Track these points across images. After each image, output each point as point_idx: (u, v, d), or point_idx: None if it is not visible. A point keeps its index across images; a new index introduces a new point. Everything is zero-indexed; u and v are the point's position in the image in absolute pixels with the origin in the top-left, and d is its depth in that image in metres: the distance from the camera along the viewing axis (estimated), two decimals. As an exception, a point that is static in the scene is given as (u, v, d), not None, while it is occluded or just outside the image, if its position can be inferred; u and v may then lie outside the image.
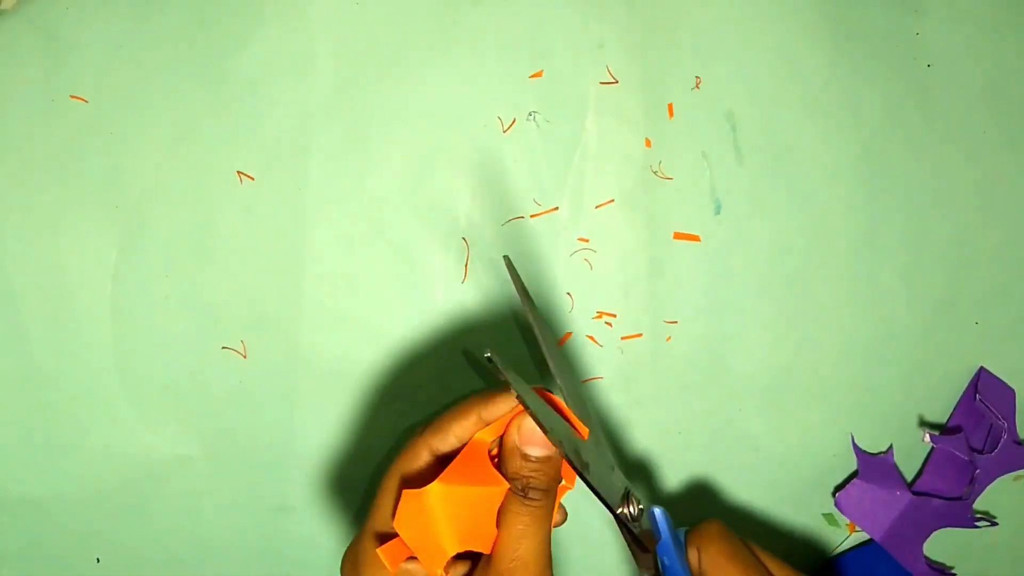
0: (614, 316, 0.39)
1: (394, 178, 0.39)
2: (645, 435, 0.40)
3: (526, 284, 0.32)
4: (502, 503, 0.28)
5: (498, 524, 0.28)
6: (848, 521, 0.41)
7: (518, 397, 0.27)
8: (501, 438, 0.29)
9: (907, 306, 0.40)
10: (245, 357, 0.39)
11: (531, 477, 0.28)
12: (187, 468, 0.40)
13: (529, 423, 0.28)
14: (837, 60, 0.39)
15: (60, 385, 0.39)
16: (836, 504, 0.40)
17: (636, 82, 0.39)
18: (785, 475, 0.41)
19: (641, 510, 0.31)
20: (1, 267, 0.39)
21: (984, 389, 0.39)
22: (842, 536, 0.41)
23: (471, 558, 0.30)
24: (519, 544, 0.27)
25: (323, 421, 0.40)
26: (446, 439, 0.29)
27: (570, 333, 0.40)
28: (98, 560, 0.40)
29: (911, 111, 0.39)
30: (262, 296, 0.39)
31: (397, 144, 0.39)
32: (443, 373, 0.40)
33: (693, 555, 0.32)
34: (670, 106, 0.39)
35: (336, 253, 0.39)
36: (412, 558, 0.29)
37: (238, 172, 0.39)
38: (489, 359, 0.25)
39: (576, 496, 0.32)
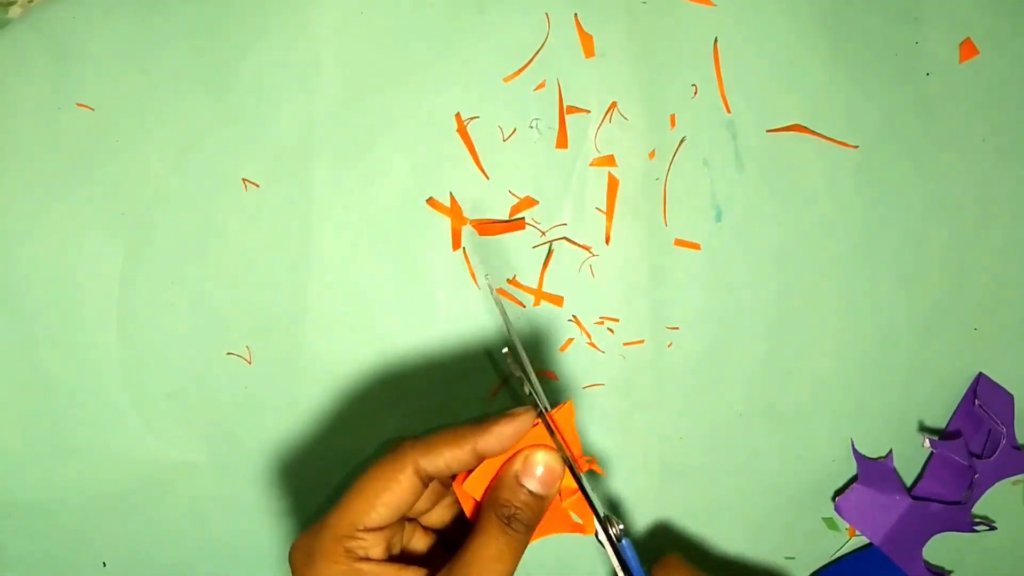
0: (616, 321, 0.40)
1: (399, 185, 0.39)
2: (646, 440, 0.40)
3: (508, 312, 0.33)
4: (480, 521, 0.29)
5: (469, 539, 0.28)
6: (848, 525, 0.41)
7: (539, 414, 0.28)
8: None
9: (906, 312, 0.40)
10: (250, 363, 0.40)
11: (519, 510, 0.29)
12: (193, 473, 0.40)
13: (535, 458, 0.29)
14: (836, 68, 0.39)
15: (67, 390, 0.40)
16: (836, 508, 0.41)
17: (638, 91, 0.39)
18: (785, 480, 0.41)
19: (622, 531, 0.32)
20: (9, 274, 0.39)
21: (983, 394, 0.40)
22: (842, 540, 0.41)
23: (431, 558, 0.30)
24: (488, 566, 0.28)
25: (328, 427, 0.40)
26: (435, 462, 0.29)
27: (572, 339, 0.40)
28: (104, 564, 0.41)
29: (910, 119, 0.40)
30: (267, 302, 0.39)
31: (402, 152, 0.39)
32: (448, 380, 0.40)
33: None
34: (672, 116, 0.39)
35: (341, 260, 0.39)
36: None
37: (244, 179, 0.39)
38: (505, 353, 0.26)
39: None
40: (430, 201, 0.39)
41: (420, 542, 0.32)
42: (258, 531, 0.41)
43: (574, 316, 0.40)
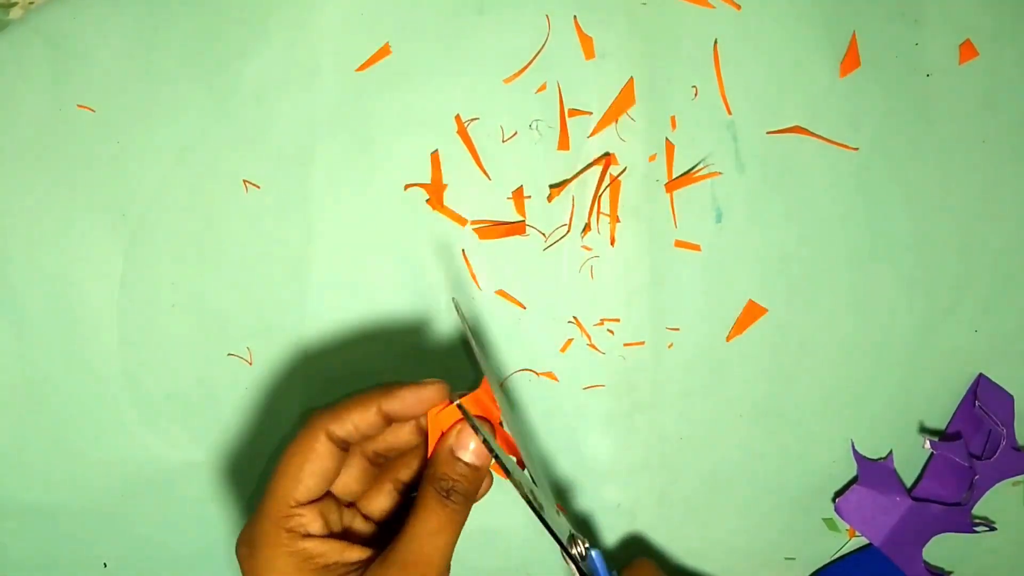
0: (617, 322, 0.40)
1: (399, 187, 0.40)
2: (646, 441, 0.40)
3: (470, 324, 0.33)
4: (420, 497, 0.30)
5: (411, 515, 0.29)
6: (848, 526, 0.41)
7: (459, 407, 0.29)
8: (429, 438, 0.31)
9: (907, 313, 0.40)
10: (251, 364, 0.40)
11: (457, 481, 0.30)
12: (193, 474, 0.40)
13: (468, 432, 0.30)
14: (837, 70, 0.40)
15: (67, 392, 0.40)
16: (836, 509, 0.41)
17: (638, 92, 0.39)
18: (785, 480, 0.41)
19: (588, 549, 0.33)
20: (8, 275, 0.39)
21: (983, 395, 0.40)
22: (842, 541, 0.41)
23: (374, 546, 0.30)
24: (429, 540, 0.29)
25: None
26: (344, 426, 0.30)
27: (571, 339, 0.40)
28: (105, 565, 0.41)
29: (911, 120, 0.40)
30: (268, 303, 0.40)
31: (401, 153, 0.39)
32: (449, 380, 0.40)
33: None
34: (672, 118, 0.39)
35: (342, 261, 0.40)
36: None
37: (244, 181, 0.39)
38: (454, 301, 0.29)
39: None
40: (429, 202, 0.39)
41: (362, 526, 0.32)
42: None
43: (575, 317, 0.40)
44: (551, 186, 0.39)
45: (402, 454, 0.33)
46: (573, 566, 0.32)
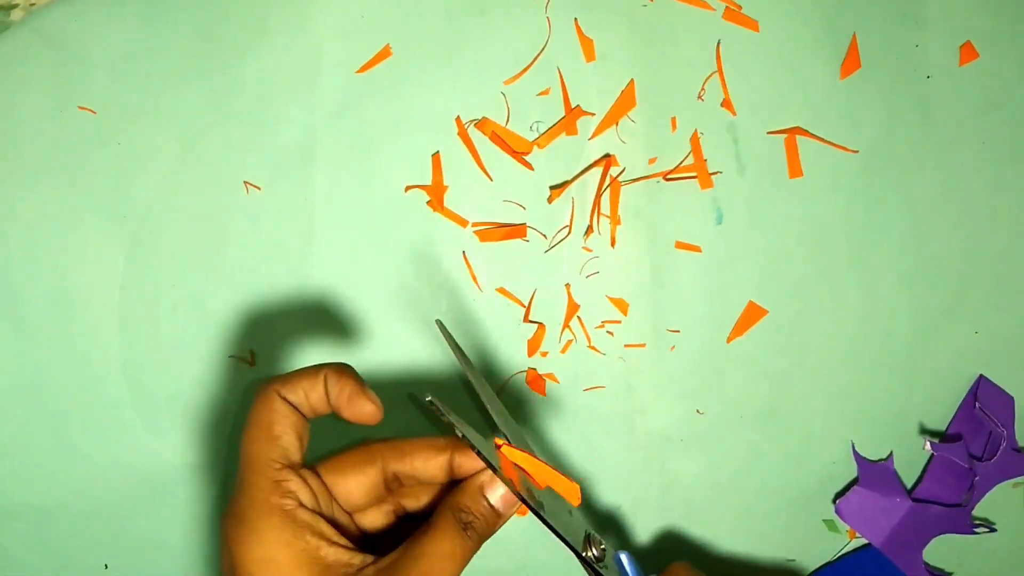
0: (618, 323, 0.40)
1: (400, 188, 0.40)
2: (647, 443, 0.40)
3: (460, 347, 0.33)
4: (436, 520, 0.28)
5: (421, 533, 0.28)
6: (848, 527, 0.41)
7: (478, 453, 0.28)
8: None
9: (907, 315, 0.40)
10: (252, 365, 0.40)
11: (477, 519, 0.29)
12: (194, 476, 0.40)
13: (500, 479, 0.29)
14: (837, 71, 0.40)
15: (68, 393, 0.40)
16: (836, 511, 0.41)
17: (639, 94, 0.39)
18: (786, 482, 0.41)
19: (604, 551, 0.31)
20: (10, 276, 0.39)
21: (984, 397, 0.40)
22: (842, 542, 0.41)
23: (373, 551, 0.29)
24: (440, 562, 0.27)
25: (329, 429, 0.40)
26: (294, 390, 0.29)
27: (572, 340, 0.40)
28: (106, 567, 0.41)
29: (911, 122, 0.40)
30: (269, 305, 0.40)
31: (403, 154, 0.39)
32: (451, 382, 0.40)
33: None
34: (673, 119, 0.39)
35: (343, 263, 0.40)
36: None
37: (245, 182, 0.39)
38: (430, 402, 0.26)
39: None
40: (430, 203, 0.39)
41: (348, 525, 0.31)
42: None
43: (578, 318, 0.40)
44: (551, 187, 0.39)
45: (418, 484, 0.32)
46: (587, 568, 0.31)
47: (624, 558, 0.32)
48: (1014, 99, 0.40)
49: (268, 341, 0.40)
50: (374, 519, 0.32)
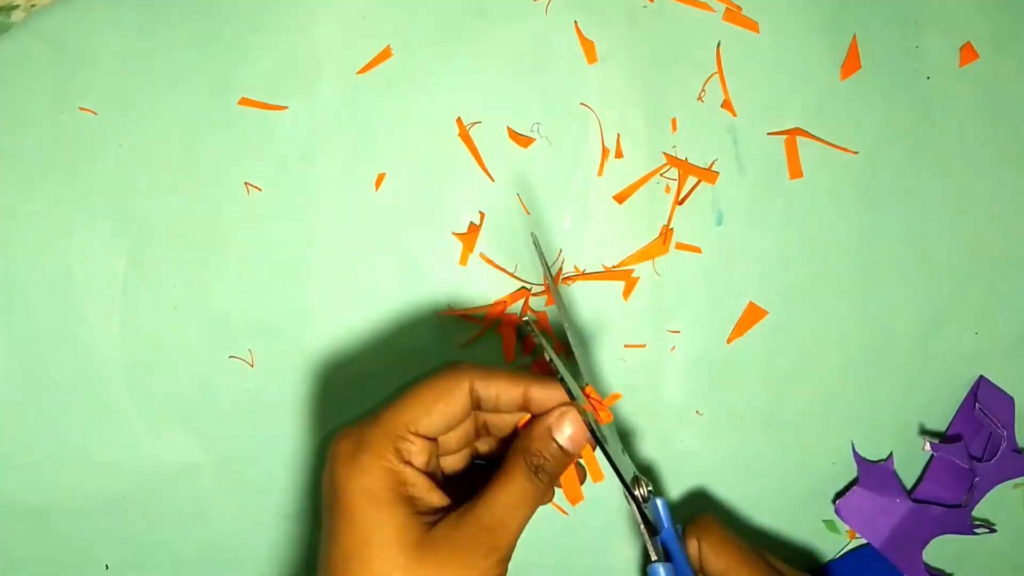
0: (618, 324, 0.40)
1: (400, 189, 0.40)
2: (648, 444, 0.40)
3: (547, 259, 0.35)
4: (507, 466, 0.30)
5: (495, 481, 0.30)
6: (848, 528, 0.41)
7: (560, 379, 0.30)
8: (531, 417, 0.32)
9: (907, 316, 0.40)
10: (253, 366, 0.40)
11: (547, 461, 0.30)
12: (194, 476, 0.40)
13: (569, 417, 0.31)
14: (838, 73, 0.40)
15: (69, 393, 0.40)
16: (836, 511, 0.41)
17: (639, 95, 0.39)
18: (786, 482, 0.41)
19: (651, 492, 0.34)
20: (11, 277, 0.40)
21: (984, 398, 0.40)
22: (842, 543, 0.41)
23: (446, 504, 0.30)
24: (509, 510, 0.29)
25: (330, 430, 0.40)
26: (488, 387, 0.31)
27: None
28: (107, 567, 0.41)
29: (911, 123, 0.40)
30: (270, 306, 0.40)
31: (403, 155, 0.40)
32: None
33: (693, 545, 0.36)
34: (673, 120, 0.39)
35: (343, 263, 0.40)
36: None
37: (246, 183, 0.40)
38: (526, 322, 0.30)
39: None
40: (453, 234, 0.40)
41: (440, 477, 0.33)
42: (261, 534, 0.41)
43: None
44: (552, 188, 0.40)
45: (496, 412, 0.33)
46: (634, 506, 0.33)
47: (660, 504, 0.35)
48: (1014, 100, 0.40)
49: (268, 341, 0.40)
50: (454, 463, 0.34)
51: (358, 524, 0.28)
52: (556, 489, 0.34)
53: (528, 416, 0.32)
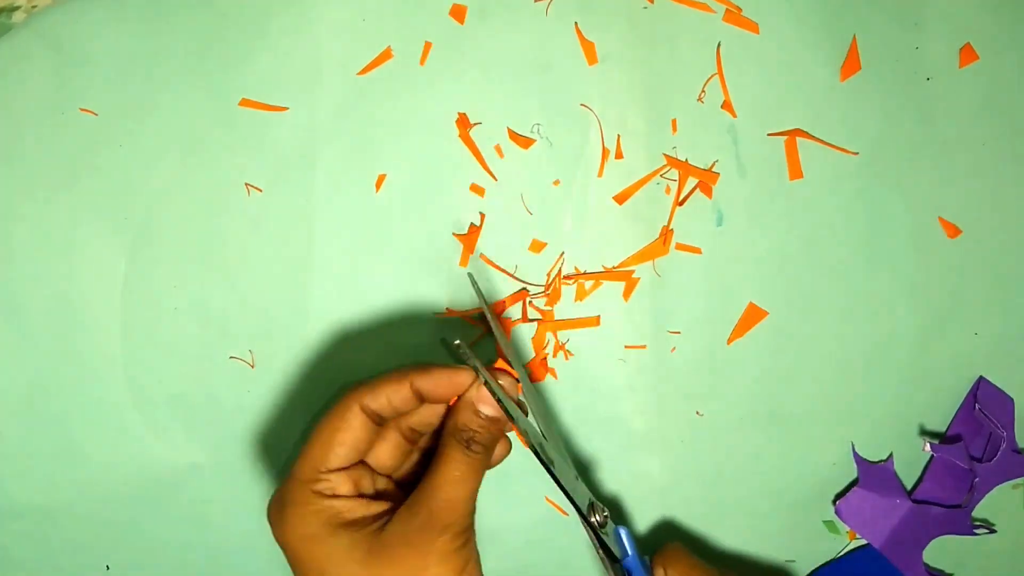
0: (619, 325, 0.40)
1: (401, 190, 0.40)
2: (648, 444, 0.40)
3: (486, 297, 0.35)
4: (442, 448, 0.31)
5: (433, 466, 0.31)
6: (848, 528, 0.41)
7: (476, 370, 0.31)
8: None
9: (907, 316, 0.40)
10: (253, 367, 0.40)
11: (477, 432, 0.31)
12: (196, 476, 0.40)
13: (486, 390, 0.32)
14: (837, 73, 0.40)
15: (70, 394, 0.40)
16: (836, 512, 0.41)
17: (639, 96, 0.39)
18: (786, 483, 0.41)
19: (607, 517, 0.34)
20: (11, 278, 0.40)
21: (984, 398, 0.40)
22: (842, 543, 0.41)
23: (392, 496, 0.32)
24: (453, 488, 0.30)
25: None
26: (378, 399, 0.31)
27: (570, 340, 0.40)
28: (108, 568, 0.41)
29: (911, 124, 0.40)
30: (270, 306, 0.40)
31: (403, 156, 0.40)
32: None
33: (660, 573, 0.36)
34: (673, 121, 0.39)
35: (343, 264, 0.40)
36: None
37: (246, 184, 0.40)
38: (457, 345, 0.30)
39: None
40: (455, 235, 0.40)
41: (393, 489, 0.34)
42: (261, 534, 0.41)
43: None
44: (552, 189, 0.40)
45: (435, 429, 0.34)
46: (590, 532, 0.33)
47: (623, 533, 0.35)
48: (1014, 101, 0.40)
49: (268, 341, 0.40)
50: (408, 468, 0.35)
51: (310, 565, 0.30)
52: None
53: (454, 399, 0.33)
